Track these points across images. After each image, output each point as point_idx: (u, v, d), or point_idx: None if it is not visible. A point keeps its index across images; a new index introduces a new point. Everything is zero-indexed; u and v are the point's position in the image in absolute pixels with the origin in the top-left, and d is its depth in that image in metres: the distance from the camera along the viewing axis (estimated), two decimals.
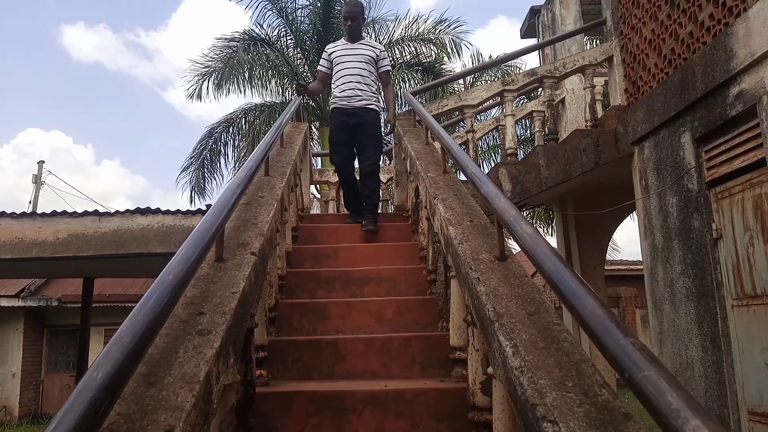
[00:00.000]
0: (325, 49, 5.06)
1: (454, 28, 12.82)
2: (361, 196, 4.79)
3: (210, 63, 12.50)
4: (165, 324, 1.46)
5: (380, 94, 5.40)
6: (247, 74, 12.19)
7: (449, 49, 12.87)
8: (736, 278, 3.79)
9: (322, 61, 5.02)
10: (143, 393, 1.33)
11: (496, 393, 1.80)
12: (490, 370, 1.83)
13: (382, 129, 5.48)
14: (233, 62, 12.07)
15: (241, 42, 12.56)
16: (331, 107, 4.86)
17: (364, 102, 4.73)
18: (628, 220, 8.09)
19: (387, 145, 7.78)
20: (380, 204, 6.58)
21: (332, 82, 4.90)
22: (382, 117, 5.97)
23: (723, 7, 3.89)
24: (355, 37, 4.89)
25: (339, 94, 4.76)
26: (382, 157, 9.25)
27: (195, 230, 1.80)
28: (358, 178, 5.00)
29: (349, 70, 4.76)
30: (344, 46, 4.88)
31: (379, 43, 12.94)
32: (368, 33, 13.15)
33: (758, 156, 3.56)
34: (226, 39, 12.65)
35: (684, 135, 4.28)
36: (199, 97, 12.41)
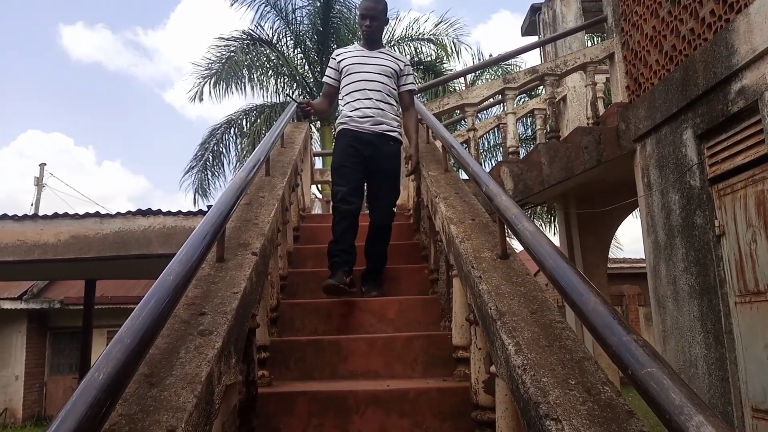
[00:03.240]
0: (333, 56, 3.80)
1: (455, 29, 12.84)
2: (368, 253, 3.61)
3: (210, 65, 12.52)
4: (166, 324, 1.45)
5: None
6: (246, 75, 12.21)
7: (449, 50, 12.89)
8: (739, 275, 3.78)
9: (328, 71, 3.75)
10: (145, 393, 1.33)
11: (499, 392, 1.80)
12: (492, 368, 1.83)
13: (402, 167, 4.27)
14: (232, 63, 12.08)
15: (240, 42, 12.57)
16: (338, 129, 3.73)
17: (384, 127, 3.55)
18: (630, 217, 8.09)
19: None
20: None
21: (340, 97, 3.72)
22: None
23: (724, 3, 3.87)
24: (374, 42, 3.70)
25: (350, 113, 3.56)
26: None
27: (195, 231, 1.80)
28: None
29: (366, 84, 3.57)
30: (359, 52, 3.70)
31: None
32: None
33: (760, 152, 3.55)
34: (225, 39, 12.67)
35: (686, 132, 4.27)
36: (201, 98, 12.45)
